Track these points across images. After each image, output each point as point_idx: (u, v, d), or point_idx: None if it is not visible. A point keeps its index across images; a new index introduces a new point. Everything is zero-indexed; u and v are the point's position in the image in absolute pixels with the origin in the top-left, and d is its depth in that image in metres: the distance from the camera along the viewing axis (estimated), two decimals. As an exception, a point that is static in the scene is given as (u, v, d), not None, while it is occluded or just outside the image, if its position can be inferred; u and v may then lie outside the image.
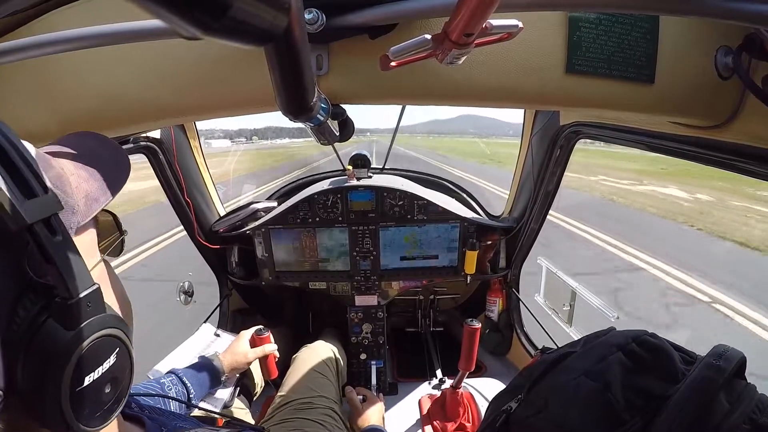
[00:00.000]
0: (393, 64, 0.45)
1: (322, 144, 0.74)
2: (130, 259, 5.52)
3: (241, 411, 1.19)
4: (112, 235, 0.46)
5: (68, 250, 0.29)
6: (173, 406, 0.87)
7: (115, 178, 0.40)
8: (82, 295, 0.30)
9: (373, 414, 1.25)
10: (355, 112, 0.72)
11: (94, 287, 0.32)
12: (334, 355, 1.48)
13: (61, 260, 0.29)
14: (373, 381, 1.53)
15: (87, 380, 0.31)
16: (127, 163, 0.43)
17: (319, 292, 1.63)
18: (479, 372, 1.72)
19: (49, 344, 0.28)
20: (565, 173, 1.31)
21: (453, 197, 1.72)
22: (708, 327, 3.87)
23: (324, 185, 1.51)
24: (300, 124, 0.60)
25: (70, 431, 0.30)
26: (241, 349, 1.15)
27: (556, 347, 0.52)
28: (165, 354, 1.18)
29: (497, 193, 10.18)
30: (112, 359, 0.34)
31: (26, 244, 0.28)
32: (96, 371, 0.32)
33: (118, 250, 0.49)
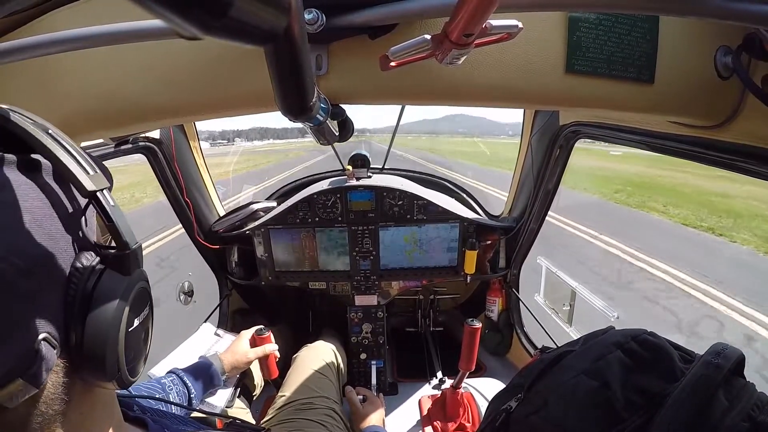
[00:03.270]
0: (393, 64, 0.45)
1: (321, 144, 0.74)
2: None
3: (242, 411, 1.19)
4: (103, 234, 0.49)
5: (119, 213, 0.35)
6: (174, 407, 0.87)
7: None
8: (133, 247, 0.35)
9: (373, 414, 1.25)
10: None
11: (139, 243, 0.37)
12: (335, 355, 1.48)
13: (117, 220, 0.34)
14: (373, 381, 1.53)
15: (135, 322, 0.36)
16: (108, 174, 0.46)
17: (319, 292, 1.63)
18: (479, 372, 1.73)
19: (111, 287, 0.33)
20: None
21: (453, 197, 1.72)
22: None
23: (323, 185, 1.51)
24: (298, 125, 0.60)
25: (117, 375, 0.34)
26: (241, 348, 1.15)
27: (555, 347, 0.52)
28: (165, 354, 1.18)
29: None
30: (146, 310, 0.39)
31: (83, 211, 0.34)
32: (140, 315, 0.37)
33: None
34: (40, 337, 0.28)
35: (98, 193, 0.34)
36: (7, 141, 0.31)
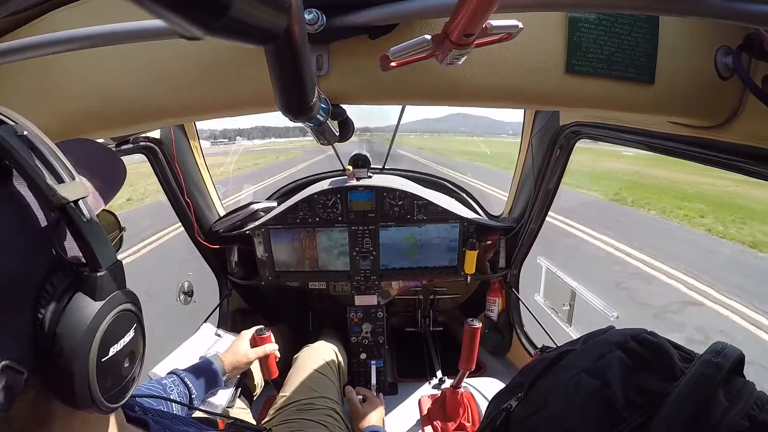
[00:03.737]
0: (393, 64, 0.45)
1: (321, 144, 0.74)
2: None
3: (242, 411, 1.19)
4: (112, 232, 0.47)
5: (95, 228, 0.32)
6: (175, 407, 0.87)
7: (113, 180, 0.42)
8: (108, 268, 0.32)
9: (373, 414, 1.25)
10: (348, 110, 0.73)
11: (118, 262, 0.34)
12: (336, 356, 1.48)
13: (90, 236, 0.31)
14: (373, 381, 1.54)
15: (111, 351, 0.33)
16: (122, 167, 0.45)
17: (319, 292, 1.63)
18: (479, 372, 1.73)
19: (78, 315, 0.30)
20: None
21: (453, 197, 1.72)
22: None
23: (324, 185, 1.52)
24: (298, 124, 0.60)
25: (93, 405, 0.32)
26: (241, 349, 1.15)
27: (555, 346, 0.52)
28: (166, 354, 1.18)
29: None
30: (131, 333, 0.35)
31: (55, 225, 0.31)
32: (119, 343, 0.34)
33: (117, 246, 0.52)
34: (2, 363, 0.26)
35: (69, 206, 0.30)
36: None
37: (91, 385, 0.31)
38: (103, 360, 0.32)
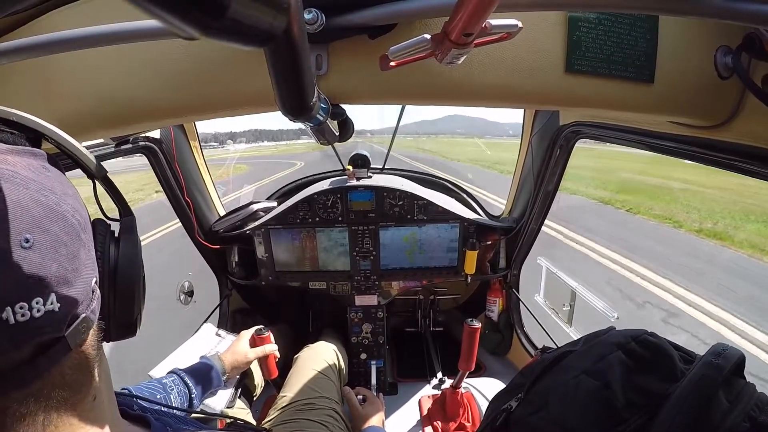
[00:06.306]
0: (392, 64, 0.45)
1: (321, 144, 0.74)
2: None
3: (242, 411, 1.19)
4: None
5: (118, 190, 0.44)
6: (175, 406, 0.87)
7: None
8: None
9: (372, 414, 1.25)
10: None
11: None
12: (336, 356, 1.48)
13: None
14: (373, 381, 1.54)
15: (143, 272, 0.43)
16: None
17: (319, 292, 1.63)
18: (479, 372, 1.73)
19: (131, 244, 0.41)
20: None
21: (453, 197, 1.72)
22: None
23: (324, 185, 1.52)
24: (295, 125, 0.60)
25: (137, 322, 0.42)
26: (241, 348, 1.15)
27: (556, 347, 0.52)
28: (166, 354, 1.18)
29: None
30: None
31: (95, 190, 0.43)
32: (143, 271, 0.43)
33: None
34: (94, 280, 0.34)
35: (107, 176, 0.43)
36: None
37: (141, 300, 0.41)
38: (143, 275, 0.42)
